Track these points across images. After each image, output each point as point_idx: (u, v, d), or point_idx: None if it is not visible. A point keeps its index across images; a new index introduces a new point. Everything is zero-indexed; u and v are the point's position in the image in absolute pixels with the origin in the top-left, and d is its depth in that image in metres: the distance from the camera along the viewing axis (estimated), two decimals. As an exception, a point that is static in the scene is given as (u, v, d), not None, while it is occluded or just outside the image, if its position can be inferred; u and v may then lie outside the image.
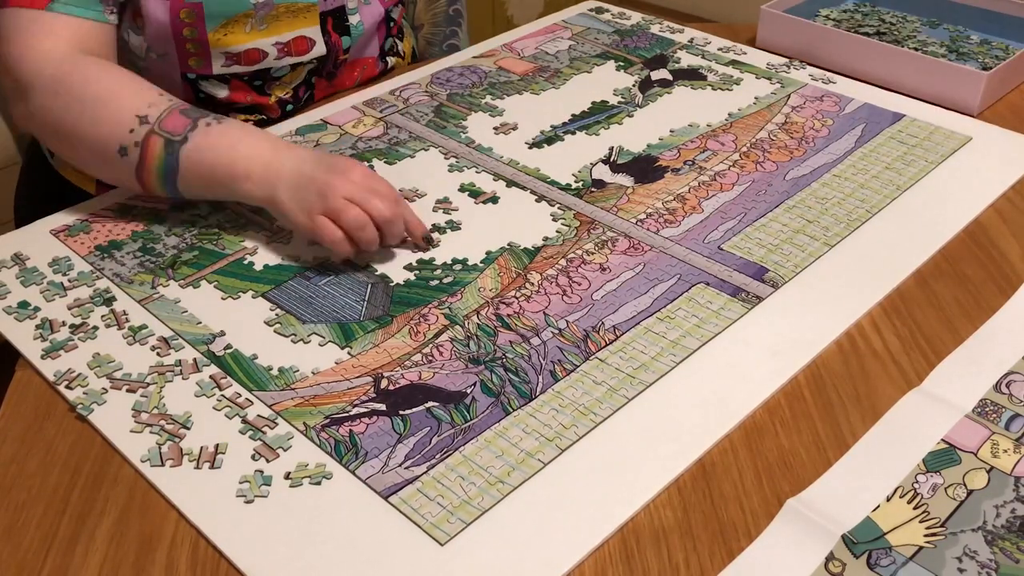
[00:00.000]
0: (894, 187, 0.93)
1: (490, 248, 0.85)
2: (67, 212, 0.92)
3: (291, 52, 1.04)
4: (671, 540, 0.60)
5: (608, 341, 0.74)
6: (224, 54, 1.00)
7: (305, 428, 0.67)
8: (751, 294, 0.79)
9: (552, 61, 1.18)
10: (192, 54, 1.00)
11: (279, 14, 1.00)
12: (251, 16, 0.98)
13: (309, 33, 1.04)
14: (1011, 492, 0.62)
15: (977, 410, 0.68)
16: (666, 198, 0.92)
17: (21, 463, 0.66)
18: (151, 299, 0.80)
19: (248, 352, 0.74)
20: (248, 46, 1.00)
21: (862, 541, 0.59)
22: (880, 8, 1.27)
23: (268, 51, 1.02)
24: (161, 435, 0.67)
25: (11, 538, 0.61)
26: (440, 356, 0.74)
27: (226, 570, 0.59)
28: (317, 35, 1.05)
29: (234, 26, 0.99)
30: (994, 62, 1.11)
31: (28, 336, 0.76)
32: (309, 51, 1.05)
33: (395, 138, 1.03)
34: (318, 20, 1.04)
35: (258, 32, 1.00)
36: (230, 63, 1.01)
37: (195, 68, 1.01)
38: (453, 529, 0.60)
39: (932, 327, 0.76)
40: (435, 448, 0.66)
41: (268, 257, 0.85)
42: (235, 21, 0.98)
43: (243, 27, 0.99)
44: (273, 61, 1.03)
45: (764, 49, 1.21)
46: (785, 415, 0.69)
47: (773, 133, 1.02)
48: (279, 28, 1.01)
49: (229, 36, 0.99)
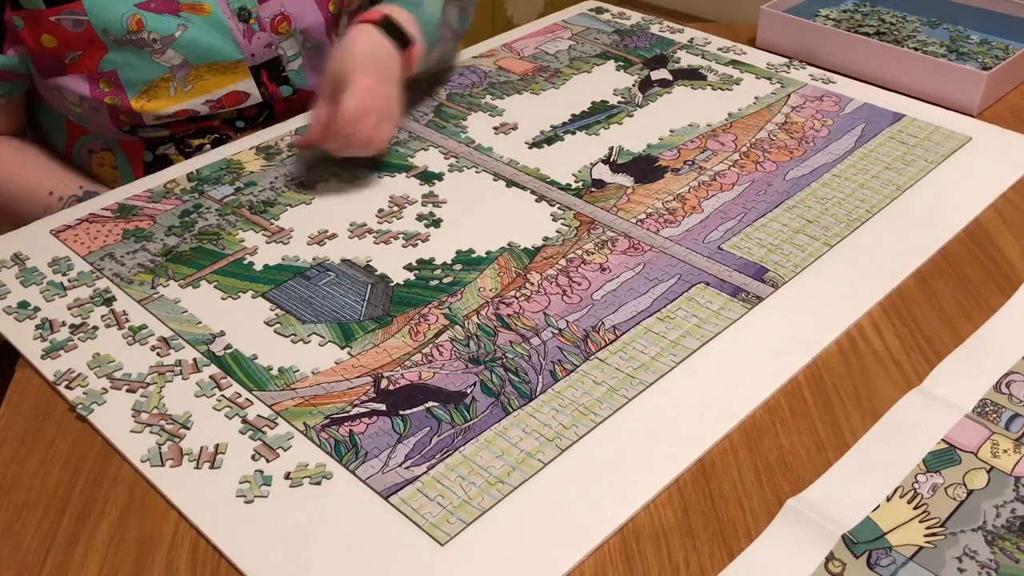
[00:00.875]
0: (894, 187, 0.93)
1: (490, 248, 0.85)
2: (67, 212, 0.92)
3: (224, 106, 1.00)
4: (671, 540, 0.60)
5: (608, 341, 0.74)
6: (154, 116, 0.97)
7: (305, 428, 0.67)
8: (751, 294, 0.79)
9: (552, 61, 1.18)
10: (121, 117, 0.97)
11: (202, 73, 0.96)
12: (171, 79, 0.95)
13: (241, 87, 1.00)
14: (1011, 492, 0.62)
15: (977, 410, 0.68)
16: (666, 198, 0.92)
17: (21, 463, 0.66)
18: (151, 299, 0.80)
19: (248, 352, 0.74)
20: (176, 108, 0.97)
21: (862, 541, 0.59)
22: (880, 8, 1.27)
23: (198, 109, 0.98)
24: (161, 435, 0.67)
25: (11, 538, 0.61)
26: (440, 356, 0.74)
27: (226, 570, 0.59)
28: (251, 87, 1.01)
29: (156, 91, 0.95)
30: (994, 62, 1.12)
31: (28, 336, 0.76)
32: (244, 102, 1.01)
33: (395, 138, 1.03)
34: (249, 74, 1.00)
35: (184, 94, 0.96)
36: (161, 121, 0.98)
37: (127, 122, 0.98)
38: (453, 529, 0.60)
39: (932, 327, 0.76)
40: (435, 448, 0.66)
41: (268, 257, 0.85)
42: (155, 86, 0.95)
43: (166, 91, 0.95)
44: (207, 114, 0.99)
45: (764, 49, 1.21)
46: (785, 415, 0.69)
47: (773, 133, 1.02)
48: (206, 87, 0.97)
49: (153, 102, 0.96)
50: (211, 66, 0.97)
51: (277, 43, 1.02)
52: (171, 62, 0.94)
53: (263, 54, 1.01)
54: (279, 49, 1.02)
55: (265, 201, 0.92)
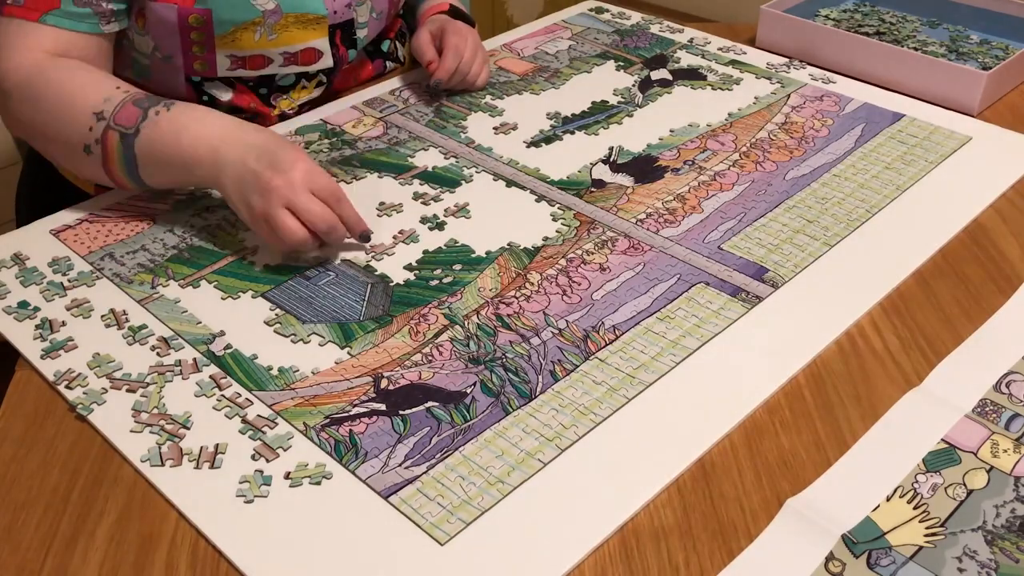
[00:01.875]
0: (894, 187, 0.93)
1: (490, 248, 0.85)
2: (67, 212, 0.92)
3: (297, 62, 1.03)
4: (671, 540, 0.60)
5: (608, 341, 0.74)
6: (230, 57, 0.99)
7: (305, 428, 0.67)
8: (751, 294, 0.79)
9: (552, 61, 1.18)
10: (198, 57, 0.99)
11: (288, 24, 0.99)
12: (260, 24, 0.97)
13: (318, 45, 1.03)
14: (1011, 492, 0.62)
15: (977, 410, 0.68)
16: (666, 198, 0.92)
17: (21, 463, 0.66)
18: (151, 299, 0.80)
19: (248, 352, 0.74)
20: (255, 52, 1.00)
21: (862, 541, 0.59)
22: (880, 8, 1.27)
23: (274, 58, 1.01)
24: (161, 435, 0.67)
25: (11, 538, 0.61)
26: (440, 356, 0.74)
27: (226, 570, 0.59)
28: (326, 47, 1.04)
29: (242, 33, 0.98)
30: (994, 62, 1.12)
31: (28, 336, 0.76)
32: (316, 62, 1.04)
33: (395, 138, 1.03)
34: (327, 32, 1.03)
35: (267, 41, 0.99)
36: (235, 66, 1.00)
37: (200, 71, 1.00)
38: (453, 529, 0.60)
39: (932, 327, 0.76)
40: (435, 448, 0.66)
41: (268, 257, 0.85)
42: (244, 28, 0.97)
43: (252, 35, 0.98)
44: (278, 68, 1.02)
45: (764, 49, 1.21)
46: (785, 415, 0.69)
47: (773, 133, 1.02)
48: (288, 39, 1.00)
49: (237, 41, 0.98)
50: (298, 17, 0.99)
51: (355, 4, 1.05)
52: (264, 6, 0.96)
53: (343, 14, 1.04)
54: (355, 10, 1.05)
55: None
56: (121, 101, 0.86)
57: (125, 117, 0.86)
